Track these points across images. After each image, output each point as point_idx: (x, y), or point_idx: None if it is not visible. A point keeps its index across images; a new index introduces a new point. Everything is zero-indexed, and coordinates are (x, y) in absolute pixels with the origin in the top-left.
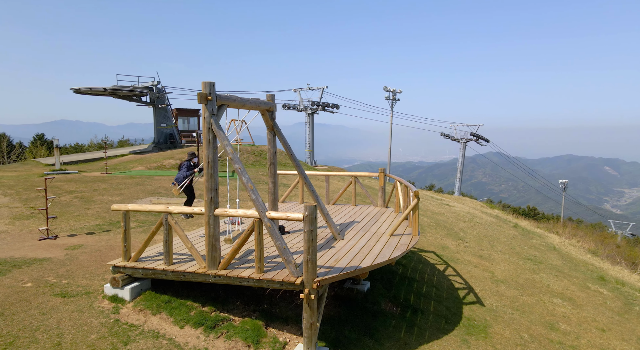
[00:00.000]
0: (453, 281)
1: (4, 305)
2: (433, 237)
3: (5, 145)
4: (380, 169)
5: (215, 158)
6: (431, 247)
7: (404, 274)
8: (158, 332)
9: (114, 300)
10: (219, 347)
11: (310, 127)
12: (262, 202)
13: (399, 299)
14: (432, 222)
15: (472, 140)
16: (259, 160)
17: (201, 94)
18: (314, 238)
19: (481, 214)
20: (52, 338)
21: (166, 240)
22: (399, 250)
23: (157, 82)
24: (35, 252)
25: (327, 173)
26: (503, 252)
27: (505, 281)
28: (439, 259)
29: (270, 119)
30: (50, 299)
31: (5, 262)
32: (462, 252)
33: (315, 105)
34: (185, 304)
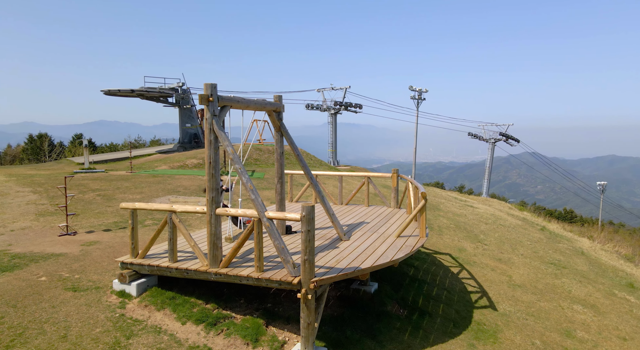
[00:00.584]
0: (466, 284)
1: (18, 298)
2: (450, 239)
3: (47, 145)
4: (394, 169)
5: (217, 158)
6: (447, 249)
7: (414, 276)
8: (160, 327)
9: (121, 296)
10: (218, 344)
11: (333, 127)
12: (262, 202)
13: (406, 301)
14: (452, 223)
15: (502, 140)
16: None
17: (202, 96)
18: (311, 238)
19: (506, 216)
20: (59, 330)
21: (170, 238)
22: (403, 251)
23: (182, 84)
24: (54, 247)
25: (340, 173)
26: (524, 255)
27: (522, 286)
28: (454, 261)
29: (277, 120)
30: (61, 293)
31: (24, 256)
32: (480, 254)
33: (338, 105)
34: (189, 300)
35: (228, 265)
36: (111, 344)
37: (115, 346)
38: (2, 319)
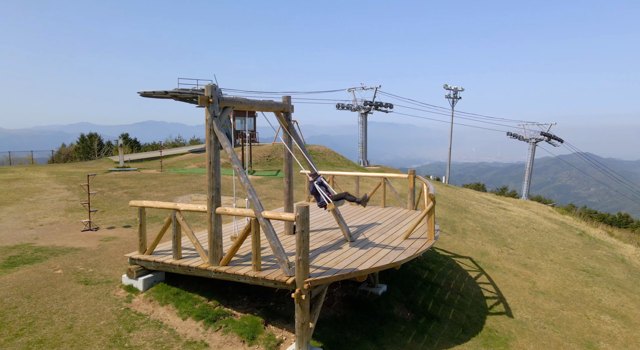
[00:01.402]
0: (483, 289)
1: (33, 289)
2: (474, 242)
3: (97, 144)
4: (410, 170)
5: (217, 158)
6: (469, 252)
7: (428, 279)
8: (162, 322)
9: (129, 290)
10: (215, 340)
11: (363, 127)
12: (259, 202)
13: (415, 304)
14: (478, 226)
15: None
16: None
17: (202, 97)
18: (305, 238)
19: (542, 220)
20: (66, 321)
21: (174, 236)
22: (406, 254)
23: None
24: (74, 241)
25: (357, 173)
26: (554, 261)
27: (546, 292)
28: (474, 265)
29: (286, 120)
30: (73, 286)
31: (46, 250)
32: (504, 259)
33: (368, 105)
34: (192, 297)
35: (228, 264)
36: (113, 337)
37: (116, 338)
38: (15, 309)
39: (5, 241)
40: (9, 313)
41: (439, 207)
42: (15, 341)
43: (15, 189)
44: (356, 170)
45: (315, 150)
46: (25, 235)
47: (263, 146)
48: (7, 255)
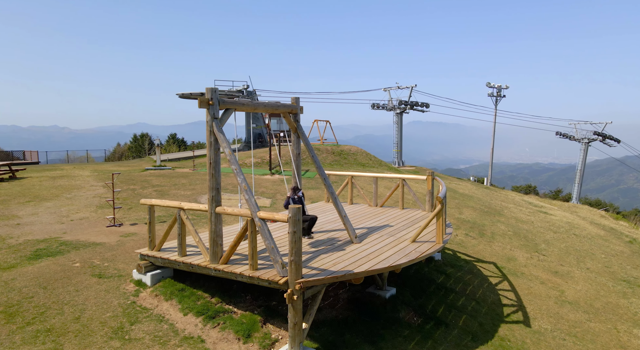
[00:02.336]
0: (502, 296)
1: (50, 281)
2: (501, 247)
3: (147, 143)
4: (429, 171)
5: (217, 159)
6: (494, 257)
7: (443, 283)
8: (163, 316)
9: (138, 285)
10: (212, 336)
11: (399, 127)
12: (255, 203)
13: (424, 309)
14: (510, 230)
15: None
16: (337, 160)
17: (202, 99)
18: (297, 239)
19: (587, 225)
20: (75, 312)
21: (179, 234)
22: (408, 257)
23: (247, 86)
24: (97, 237)
25: (376, 174)
26: (591, 269)
27: (574, 303)
28: (497, 271)
29: (294, 121)
30: (87, 279)
31: (70, 244)
32: (532, 265)
33: (403, 105)
34: (196, 293)
35: (227, 262)
36: (115, 328)
37: (118, 330)
38: (31, 298)
39: (36, 235)
40: (24, 302)
41: (469, 210)
42: (26, 329)
43: (58, 186)
44: (388, 171)
45: (346, 151)
46: (55, 230)
47: None
48: (34, 248)
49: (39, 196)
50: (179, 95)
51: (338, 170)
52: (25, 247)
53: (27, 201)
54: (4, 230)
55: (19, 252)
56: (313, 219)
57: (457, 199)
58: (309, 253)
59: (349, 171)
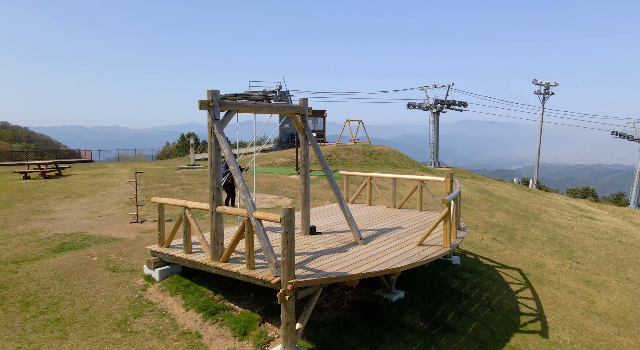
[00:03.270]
0: (521, 304)
1: (67, 273)
2: (530, 253)
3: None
4: (447, 173)
5: (218, 160)
6: (520, 264)
7: (457, 288)
8: (166, 311)
9: (147, 280)
10: (209, 332)
11: (435, 127)
12: (251, 203)
13: (433, 314)
14: (544, 235)
15: None
16: (367, 161)
17: (202, 102)
18: (289, 240)
19: (637, 232)
20: (85, 304)
21: (184, 232)
22: (409, 260)
23: (279, 87)
24: (119, 232)
25: (394, 175)
26: (631, 280)
27: (604, 314)
28: (521, 278)
29: (301, 122)
30: (101, 272)
31: (93, 238)
32: (562, 273)
33: (439, 104)
34: (200, 289)
35: (227, 260)
36: (119, 321)
37: (121, 323)
38: (47, 289)
39: (65, 229)
40: (41, 292)
41: (502, 213)
42: (38, 318)
43: (95, 183)
44: (420, 172)
45: (378, 151)
46: (83, 225)
47: (325, 146)
48: (60, 241)
49: (76, 193)
50: None
51: (368, 170)
52: (52, 241)
53: (64, 197)
54: (38, 224)
55: (46, 245)
56: None
57: (490, 202)
58: (310, 254)
59: (378, 172)
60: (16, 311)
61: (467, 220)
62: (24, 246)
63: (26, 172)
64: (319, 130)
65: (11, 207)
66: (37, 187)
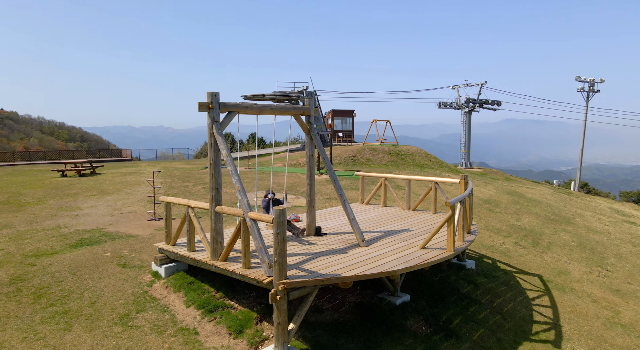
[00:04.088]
0: (536, 312)
1: (80, 267)
2: (555, 259)
3: (230, 142)
4: (462, 175)
5: (218, 160)
6: (541, 270)
7: (468, 293)
8: (168, 307)
9: (154, 276)
10: (206, 329)
11: (467, 127)
12: (247, 203)
13: (438, 319)
14: (575, 241)
15: None
16: (393, 161)
17: (202, 104)
18: (281, 241)
19: None
20: (92, 297)
21: (188, 230)
22: (408, 264)
23: (306, 87)
24: (135, 229)
25: (408, 177)
26: None
27: (629, 326)
28: (540, 285)
29: (307, 123)
30: (112, 267)
31: (109, 235)
32: (588, 281)
33: (471, 103)
34: (202, 287)
35: (226, 259)
36: (122, 315)
37: (124, 317)
38: (60, 282)
39: (87, 225)
40: (53, 285)
41: (530, 216)
42: (48, 310)
43: (124, 181)
44: (448, 173)
45: (404, 151)
46: (104, 221)
47: (351, 146)
48: (79, 237)
49: (104, 190)
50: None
51: (393, 171)
52: (73, 236)
53: (92, 195)
54: (64, 220)
55: (66, 240)
56: None
57: (519, 205)
58: (309, 254)
59: (403, 173)
60: (28, 303)
61: (491, 223)
62: (46, 241)
63: (63, 170)
64: (347, 130)
65: (44, 203)
66: (70, 184)
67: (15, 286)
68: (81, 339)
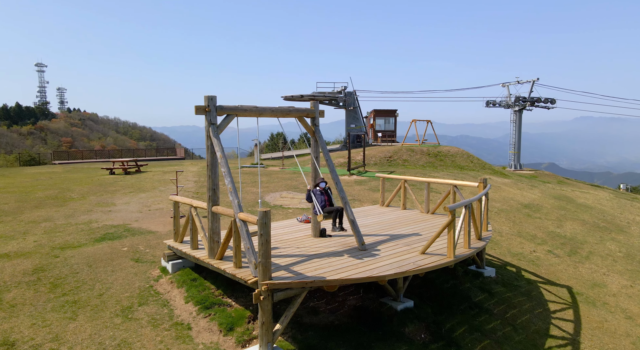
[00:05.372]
0: (554, 326)
1: (96, 260)
2: (592, 270)
3: (282, 141)
4: (481, 179)
5: (214, 162)
6: (572, 281)
7: (479, 302)
8: (168, 302)
9: (162, 271)
10: (199, 325)
11: (517, 126)
12: (237, 204)
13: (440, 327)
14: (622, 251)
15: None
16: (430, 162)
17: (199, 107)
18: (264, 242)
19: None
20: (102, 289)
21: (191, 229)
22: (400, 269)
23: (344, 88)
24: (156, 226)
25: (427, 179)
26: None
27: None
28: (568, 297)
29: (311, 125)
30: (125, 262)
31: (132, 230)
32: (626, 296)
33: (521, 101)
34: (204, 284)
35: (222, 258)
36: (125, 307)
37: (126, 309)
38: (76, 274)
39: (115, 221)
40: (69, 276)
41: (575, 223)
42: (60, 299)
43: (161, 180)
44: (490, 174)
45: (444, 152)
46: (131, 218)
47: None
48: (105, 232)
49: (141, 188)
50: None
51: (429, 172)
52: (99, 231)
53: (129, 192)
54: (97, 215)
55: (92, 235)
56: (338, 210)
57: (564, 210)
58: (303, 256)
59: (438, 175)
60: (44, 291)
61: (525, 229)
62: (75, 234)
63: (111, 168)
64: (389, 130)
65: (85, 199)
66: (114, 182)
67: (36, 276)
68: (82, 328)
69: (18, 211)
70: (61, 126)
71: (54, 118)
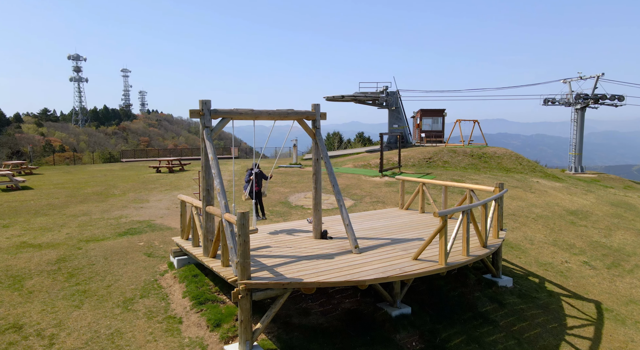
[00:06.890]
0: (566, 343)
1: (113, 254)
2: (632, 285)
3: (337, 140)
4: (497, 183)
5: (207, 163)
6: (603, 296)
7: (486, 313)
8: (167, 296)
9: (169, 266)
10: (190, 319)
11: (578, 126)
12: (224, 205)
13: (435, 335)
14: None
15: None
16: (473, 164)
17: (193, 111)
18: (242, 243)
19: None
20: (110, 281)
21: (192, 227)
22: (383, 274)
23: (386, 87)
24: (177, 223)
25: (444, 182)
26: None
27: None
28: (593, 313)
29: (312, 128)
30: (138, 256)
31: (153, 226)
32: None
33: (582, 98)
34: (204, 280)
35: (215, 256)
36: (127, 299)
37: (127, 301)
38: (92, 265)
39: (142, 216)
40: (86, 267)
41: (627, 233)
42: (73, 288)
43: None
44: (541, 177)
45: (490, 153)
46: (156, 214)
47: (429, 148)
48: (129, 227)
49: (177, 186)
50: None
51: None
52: (125, 226)
53: (165, 189)
54: (129, 211)
55: (117, 229)
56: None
57: (618, 218)
58: (293, 258)
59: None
60: (61, 280)
61: (563, 237)
62: (103, 228)
63: (158, 167)
64: (437, 130)
65: (124, 196)
66: (157, 179)
67: (58, 265)
68: (84, 316)
69: (65, 206)
70: (140, 126)
71: (135, 119)
